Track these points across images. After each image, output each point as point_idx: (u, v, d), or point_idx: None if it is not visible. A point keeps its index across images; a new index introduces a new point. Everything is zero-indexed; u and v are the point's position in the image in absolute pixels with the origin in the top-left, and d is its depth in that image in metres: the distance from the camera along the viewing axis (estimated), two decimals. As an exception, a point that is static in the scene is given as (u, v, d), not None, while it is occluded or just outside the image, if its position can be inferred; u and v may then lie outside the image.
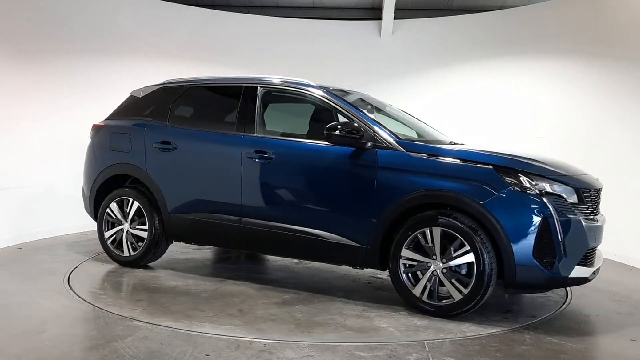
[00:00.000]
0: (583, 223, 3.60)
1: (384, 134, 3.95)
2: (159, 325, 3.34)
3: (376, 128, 3.98)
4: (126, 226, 4.81)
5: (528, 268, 3.46)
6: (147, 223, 4.70)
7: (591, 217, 3.76)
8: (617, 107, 6.30)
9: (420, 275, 3.73)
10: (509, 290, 3.65)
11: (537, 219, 3.47)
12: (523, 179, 3.57)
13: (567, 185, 3.67)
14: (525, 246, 3.46)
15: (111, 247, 4.88)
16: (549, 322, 3.67)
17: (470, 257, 3.54)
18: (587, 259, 3.69)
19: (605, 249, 5.98)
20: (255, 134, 4.34)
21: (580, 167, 4.15)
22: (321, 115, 4.65)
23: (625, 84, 6.20)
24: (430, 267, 3.67)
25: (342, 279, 4.75)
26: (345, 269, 4.98)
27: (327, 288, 4.40)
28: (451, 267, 3.61)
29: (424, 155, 3.82)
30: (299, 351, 3.00)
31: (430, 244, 3.67)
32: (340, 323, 3.53)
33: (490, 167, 3.64)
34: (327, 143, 4.06)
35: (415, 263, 3.74)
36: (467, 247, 3.55)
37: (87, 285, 4.23)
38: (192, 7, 8.29)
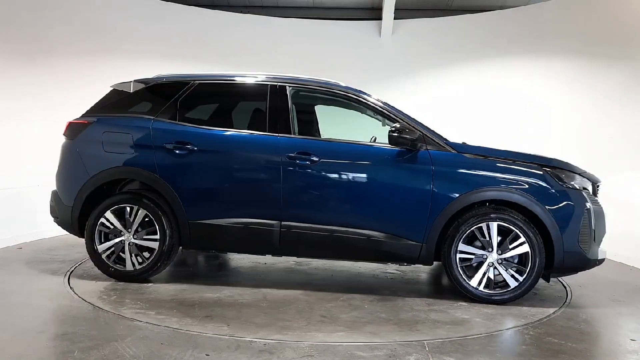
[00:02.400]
0: (603, 212, 4.16)
1: (434, 136, 4.16)
2: (159, 325, 3.34)
3: (426, 131, 4.17)
4: (128, 237, 4.31)
5: (574, 254, 3.98)
6: (157, 232, 4.26)
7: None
8: (617, 106, 6.30)
9: (473, 268, 4.06)
10: (554, 275, 4.16)
11: (580, 211, 4.00)
12: (566, 176, 4.08)
13: (589, 180, 4.21)
14: (572, 235, 3.97)
15: (108, 262, 4.32)
16: (549, 322, 3.67)
17: (525, 248, 3.97)
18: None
19: (606, 249, 6.00)
20: (293, 135, 4.23)
21: (581, 167, 4.36)
22: (361, 118, 4.70)
23: (625, 84, 6.21)
24: (486, 259, 4.02)
25: (362, 277, 4.82)
26: (355, 266, 5.07)
27: (365, 287, 4.47)
28: (506, 258, 4.00)
29: (474, 156, 4.11)
30: (299, 351, 3.00)
31: (487, 238, 4.01)
32: (428, 318, 3.67)
33: (538, 166, 4.09)
34: (370, 144, 4.29)
35: (471, 256, 4.05)
36: (523, 239, 3.96)
37: (87, 285, 4.22)
38: (192, 7, 8.30)
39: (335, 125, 5.62)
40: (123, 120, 4.46)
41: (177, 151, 4.26)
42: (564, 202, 4.00)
